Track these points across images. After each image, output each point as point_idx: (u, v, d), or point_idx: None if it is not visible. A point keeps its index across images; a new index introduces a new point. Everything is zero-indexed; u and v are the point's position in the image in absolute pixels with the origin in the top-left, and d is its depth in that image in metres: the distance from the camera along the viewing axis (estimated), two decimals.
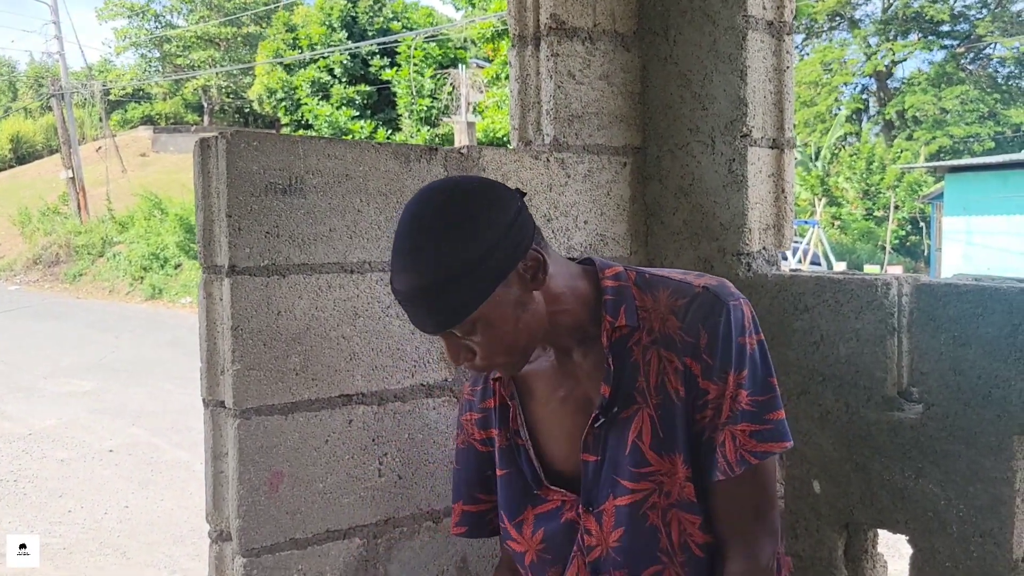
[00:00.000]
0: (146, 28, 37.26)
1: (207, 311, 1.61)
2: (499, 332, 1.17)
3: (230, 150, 1.53)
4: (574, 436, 1.29)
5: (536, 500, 1.33)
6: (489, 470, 1.41)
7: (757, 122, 1.91)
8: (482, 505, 1.45)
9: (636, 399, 1.24)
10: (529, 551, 1.34)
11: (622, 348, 1.25)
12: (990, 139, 27.26)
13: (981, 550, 1.54)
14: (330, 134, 20.53)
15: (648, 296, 1.26)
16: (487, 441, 1.41)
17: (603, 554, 1.27)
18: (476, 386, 1.44)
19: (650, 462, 1.23)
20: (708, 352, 1.21)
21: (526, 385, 1.35)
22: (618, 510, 1.25)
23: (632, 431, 1.24)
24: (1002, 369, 1.50)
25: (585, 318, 1.26)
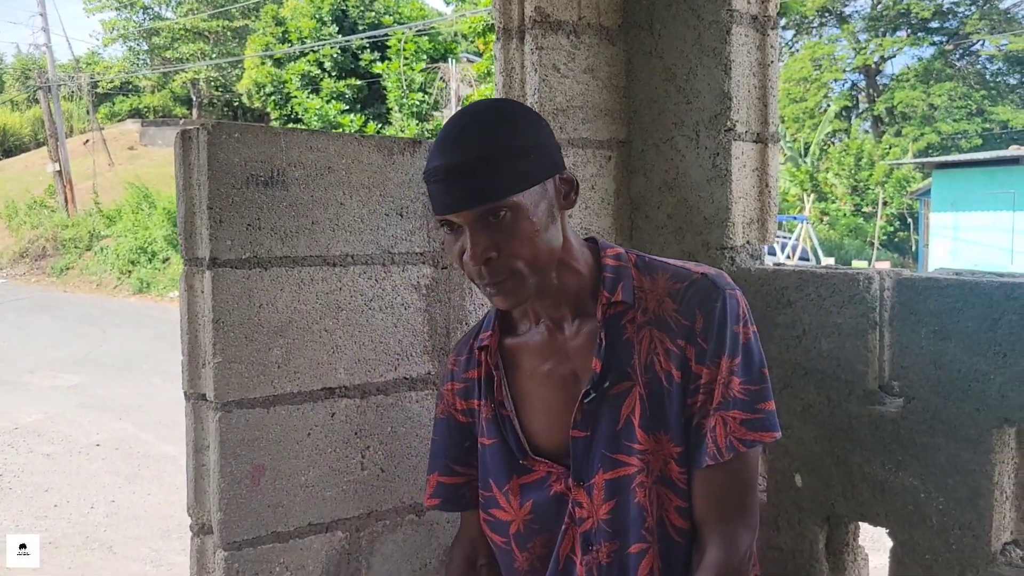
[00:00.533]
0: (134, 20, 37.03)
1: (188, 304, 1.60)
2: (526, 231, 1.18)
3: (211, 142, 1.52)
4: (558, 411, 1.30)
5: (521, 470, 1.34)
6: (467, 442, 1.42)
7: (741, 116, 1.91)
8: (458, 478, 1.44)
9: (629, 376, 1.26)
10: (516, 520, 1.35)
11: (616, 324, 1.27)
12: (978, 136, 27.40)
13: (960, 542, 1.55)
14: (320, 127, 20.48)
15: (647, 278, 1.29)
16: (468, 412, 1.42)
17: (594, 526, 1.29)
18: (460, 356, 1.44)
19: (639, 440, 1.25)
20: (703, 336, 1.23)
21: (512, 358, 1.36)
22: (607, 484, 1.27)
23: (625, 407, 1.26)
24: (981, 363, 1.51)
25: (585, 289, 1.29)
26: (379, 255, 1.72)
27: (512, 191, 1.16)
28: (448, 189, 1.17)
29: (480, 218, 1.17)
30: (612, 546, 1.28)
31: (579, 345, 1.30)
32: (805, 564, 1.80)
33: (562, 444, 1.31)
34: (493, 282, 1.19)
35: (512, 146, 1.17)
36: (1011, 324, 1.46)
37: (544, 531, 1.33)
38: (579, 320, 1.30)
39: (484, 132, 1.18)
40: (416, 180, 1.76)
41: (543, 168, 1.21)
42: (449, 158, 1.17)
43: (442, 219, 1.21)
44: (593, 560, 1.29)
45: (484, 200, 1.16)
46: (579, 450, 1.28)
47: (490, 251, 1.17)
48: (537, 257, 1.20)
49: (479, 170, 1.15)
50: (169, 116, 35.76)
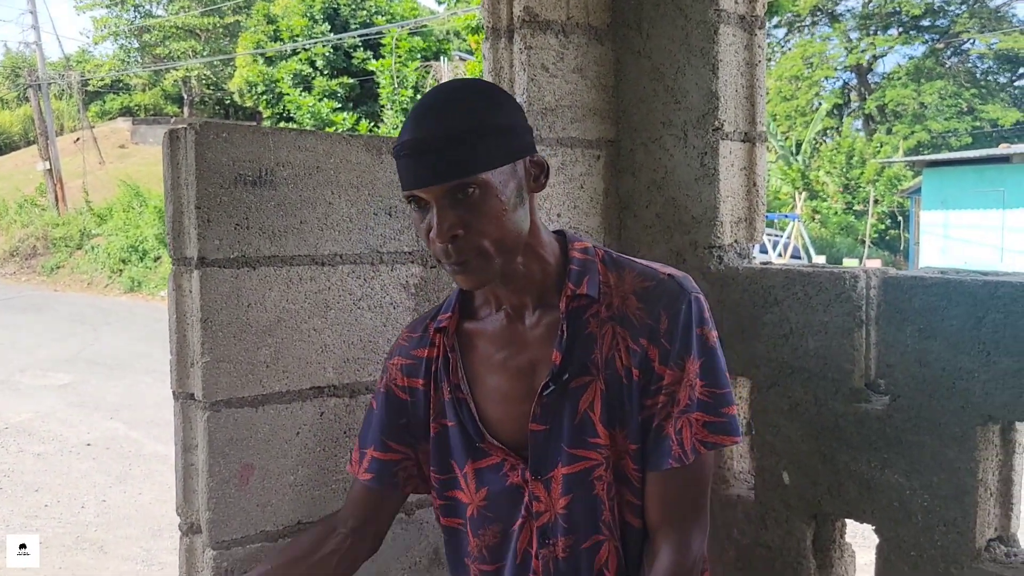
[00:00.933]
0: (125, 18, 36.89)
1: (177, 303, 1.60)
2: (494, 210, 1.16)
3: (199, 141, 1.52)
4: (514, 401, 1.29)
5: (478, 453, 1.32)
6: (403, 419, 1.39)
7: (729, 116, 1.92)
8: (393, 455, 1.41)
9: (590, 370, 1.25)
10: (471, 504, 1.34)
11: (579, 318, 1.26)
12: (968, 134, 27.51)
13: (945, 539, 1.57)
14: (313, 125, 20.44)
15: (613, 274, 1.28)
16: (406, 389, 1.39)
17: (551, 520, 1.28)
18: (413, 333, 1.42)
19: (599, 434, 1.25)
20: (667, 337, 1.23)
21: (469, 342, 1.34)
22: (565, 478, 1.26)
23: (584, 401, 1.25)
24: (966, 361, 1.52)
25: (549, 279, 1.28)
26: (368, 254, 1.73)
27: (481, 168, 1.15)
28: (417, 164, 1.16)
29: (448, 194, 1.16)
30: (568, 540, 1.27)
31: (539, 336, 1.28)
32: (792, 561, 1.81)
33: (518, 435, 1.29)
34: (458, 260, 1.18)
35: (483, 123, 1.16)
36: (995, 322, 1.48)
37: (496, 521, 1.32)
38: (540, 310, 1.29)
39: (456, 108, 1.17)
40: None
41: (514, 148, 1.20)
42: (419, 132, 1.16)
43: (409, 195, 1.19)
44: (550, 554, 1.28)
45: (452, 175, 1.14)
46: (538, 443, 1.27)
47: (456, 228, 1.16)
48: (504, 237, 1.19)
49: (449, 145, 1.14)
50: (160, 114, 35.62)
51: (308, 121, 20.74)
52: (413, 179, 1.17)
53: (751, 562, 1.88)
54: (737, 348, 1.88)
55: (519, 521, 1.30)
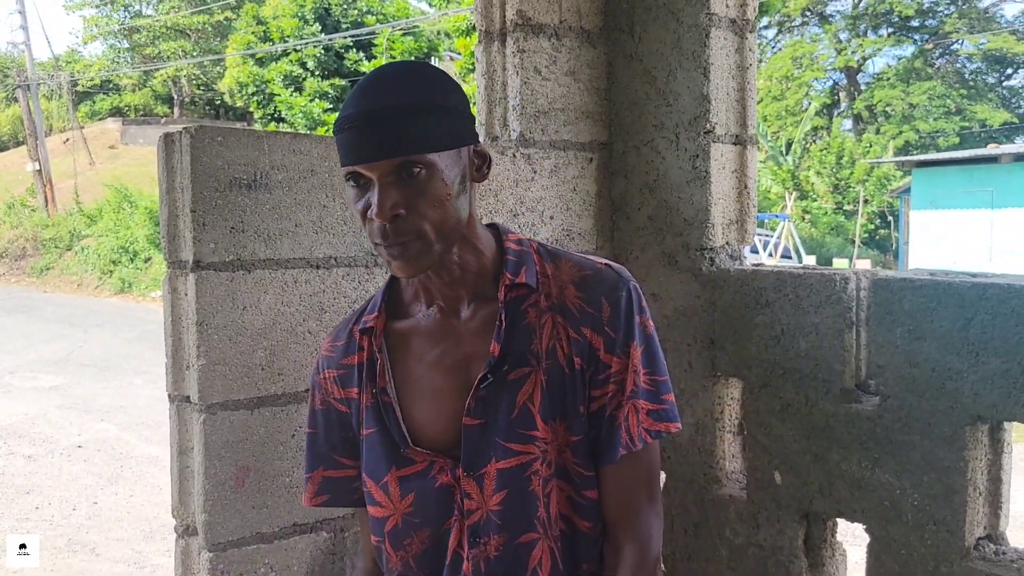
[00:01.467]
0: (115, 17, 36.76)
1: (172, 306, 1.61)
2: (438, 193, 1.12)
3: (194, 145, 1.53)
4: (447, 398, 1.24)
5: (402, 461, 1.25)
6: (349, 432, 1.32)
7: (720, 119, 1.94)
8: (346, 470, 1.33)
9: (530, 361, 1.21)
10: (394, 516, 1.27)
11: (517, 308, 1.23)
12: (955, 134, 27.65)
13: (935, 537, 1.58)
14: (305, 125, 20.41)
15: (549, 264, 1.26)
16: (346, 401, 1.31)
17: (483, 517, 1.23)
18: (337, 341, 1.34)
19: (537, 427, 1.21)
20: (611, 326, 1.21)
21: (398, 342, 1.28)
22: (500, 473, 1.21)
23: (523, 393, 1.21)
24: (955, 362, 1.54)
25: (485, 271, 1.24)
26: (362, 257, 1.73)
27: (430, 148, 1.11)
28: (362, 137, 1.10)
29: (393, 171, 1.11)
30: (501, 538, 1.23)
31: (474, 329, 1.24)
32: (784, 560, 1.82)
33: (449, 433, 1.24)
34: (397, 242, 1.12)
35: (433, 103, 1.12)
36: (983, 324, 1.49)
37: (425, 525, 1.26)
38: (475, 304, 1.25)
39: (405, 84, 1.13)
40: None
41: (461, 133, 1.16)
42: (366, 105, 1.11)
43: (350, 171, 1.13)
44: (480, 554, 1.23)
45: (400, 152, 1.09)
46: (472, 438, 1.22)
47: (399, 208, 1.11)
48: (445, 222, 1.14)
49: (398, 120, 1.10)
50: (150, 115, 35.50)
51: (300, 121, 20.70)
52: (357, 154, 1.11)
53: (743, 561, 1.90)
54: (729, 349, 1.89)
55: (451, 520, 1.25)
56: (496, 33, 2.02)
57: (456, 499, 1.24)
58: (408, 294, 1.30)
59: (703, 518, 1.97)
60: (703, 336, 1.95)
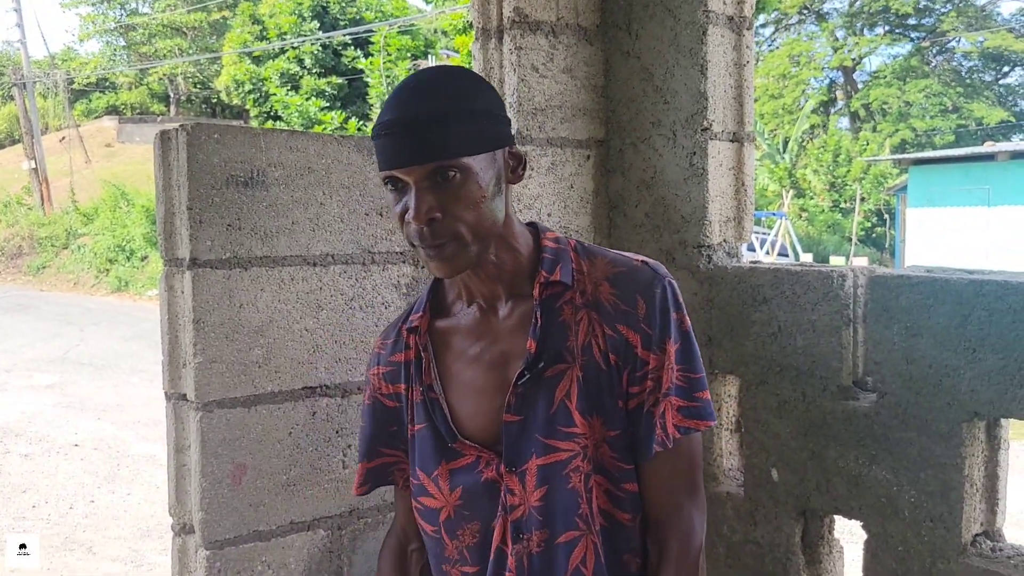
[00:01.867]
0: (111, 15, 36.67)
1: (168, 304, 1.61)
2: (473, 195, 1.16)
3: (191, 142, 1.53)
4: (488, 394, 1.27)
5: (451, 454, 1.29)
6: (394, 426, 1.37)
7: (718, 116, 1.94)
8: (385, 458, 1.39)
9: (566, 358, 1.23)
10: (446, 507, 1.31)
11: (552, 306, 1.25)
12: (951, 132, 27.68)
13: (932, 534, 1.59)
14: (301, 124, 20.37)
15: (585, 261, 1.28)
16: (394, 396, 1.36)
17: (525, 513, 1.25)
18: (387, 339, 1.39)
19: (576, 423, 1.23)
20: (647, 322, 1.23)
21: (442, 340, 1.32)
22: (540, 470, 1.24)
23: (560, 390, 1.23)
24: (952, 358, 1.54)
25: (522, 270, 1.27)
26: (359, 254, 1.73)
27: (464, 152, 1.15)
28: (398, 143, 1.14)
29: (428, 176, 1.14)
30: (543, 534, 1.25)
31: (512, 327, 1.27)
32: (782, 557, 1.82)
33: (492, 429, 1.27)
34: (434, 244, 1.16)
35: (467, 108, 1.16)
36: (980, 320, 1.50)
37: (474, 518, 1.29)
38: (513, 301, 1.28)
39: (439, 91, 1.16)
40: None
41: (495, 136, 1.20)
42: (402, 112, 1.14)
43: (388, 175, 1.17)
44: (524, 550, 1.25)
45: (435, 157, 1.13)
46: (512, 435, 1.24)
47: (435, 211, 1.14)
48: (481, 224, 1.18)
49: (432, 126, 1.13)
50: (146, 113, 35.43)
51: (296, 120, 20.66)
52: (394, 159, 1.15)
53: (741, 558, 1.90)
54: (726, 346, 1.89)
55: (496, 517, 1.27)
56: (493, 30, 2.02)
57: (500, 495, 1.26)
58: (451, 293, 1.34)
59: None
60: (700, 333, 1.94)
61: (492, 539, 1.28)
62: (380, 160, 1.18)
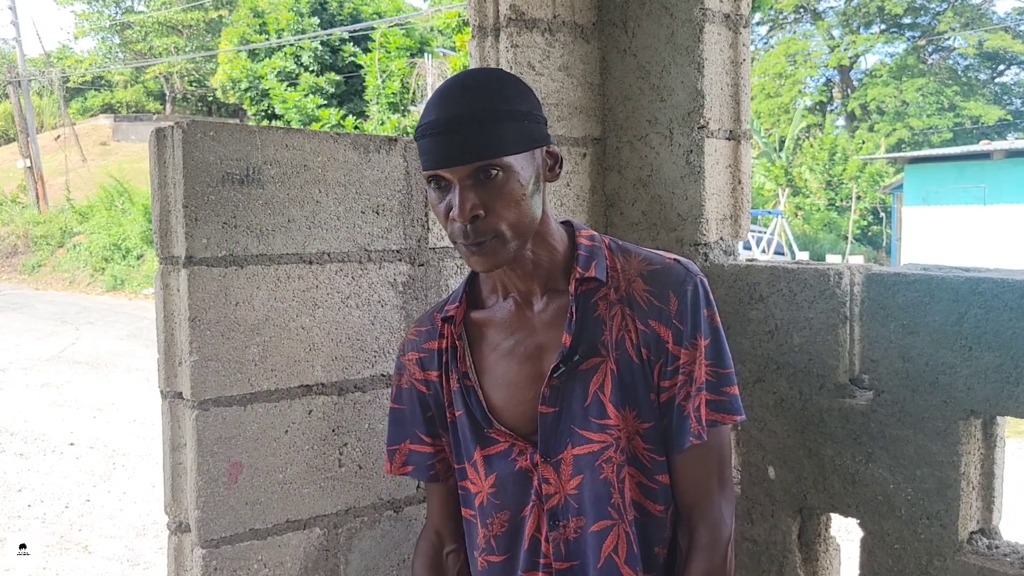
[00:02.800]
0: (106, 13, 36.57)
1: (164, 302, 1.60)
2: (514, 194, 1.20)
3: (186, 140, 1.52)
4: (522, 386, 1.31)
5: (486, 441, 1.34)
6: (429, 412, 1.42)
7: (714, 114, 1.94)
8: (427, 447, 1.43)
9: (600, 351, 1.28)
10: (481, 492, 1.35)
11: (587, 301, 1.29)
12: (948, 130, 27.71)
13: (928, 532, 1.59)
14: (299, 121, 20.35)
15: (619, 258, 1.33)
16: (426, 383, 1.41)
17: (561, 502, 1.30)
18: (421, 327, 1.44)
19: (609, 415, 1.27)
20: (679, 318, 1.27)
21: (477, 331, 1.36)
22: (576, 459, 1.28)
23: (594, 383, 1.27)
24: (948, 356, 1.54)
25: (557, 266, 1.31)
26: (356, 252, 1.73)
27: (506, 151, 1.19)
28: (444, 143, 1.18)
29: (472, 175, 1.18)
30: (580, 521, 1.29)
31: (547, 320, 1.31)
32: (778, 555, 1.82)
33: (526, 419, 1.31)
34: (476, 241, 1.20)
35: (508, 109, 1.20)
36: (976, 318, 1.50)
37: (505, 507, 1.33)
38: (548, 296, 1.32)
39: (482, 92, 1.20)
40: (392, 178, 1.77)
41: (534, 136, 1.24)
42: (446, 113, 1.19)
43: (432, 175, 1.22)
44: (560, 536, 1.29)
45: (480, 156, 1.17)
46: (547, 426, 1.29)
47: (478, 209, 1.18)
48: (521, 221, 1.21)
49: (476, 127, 1.17)
50: (142, 111, 35.36)
51: (295, 116, 20.63)
52: (439, 158, 1.19)
53: (737, 556, 1.90)
54: None
55: (529, 506, 1.31)
56: (489, 28, 2.01)
57: (534, 484, 1.31)
58: (487, 287, 1.38)
59: None
60: None
61: (523, 528, 1.32)
62: (424, 160, 1.22)
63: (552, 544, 1.30)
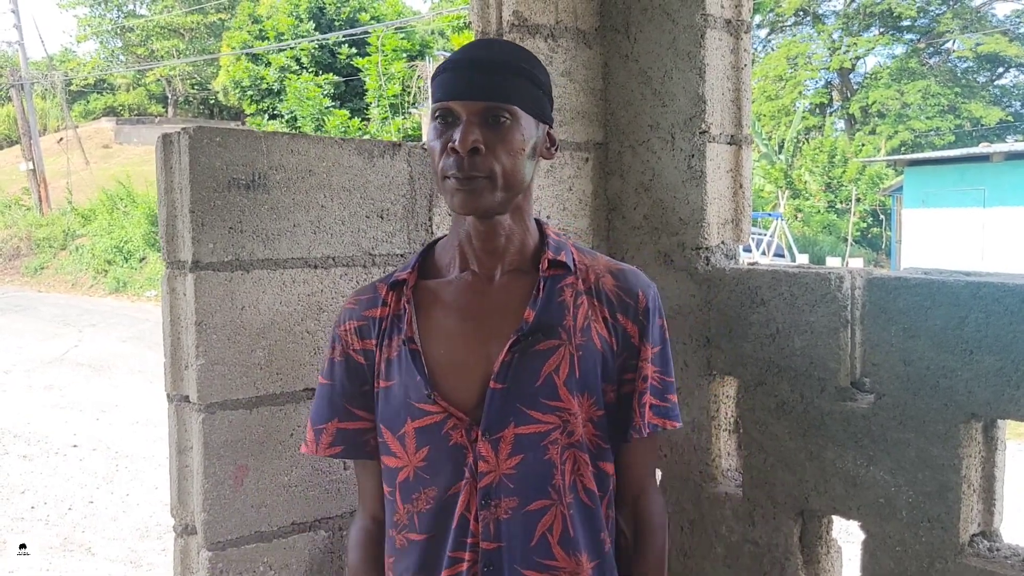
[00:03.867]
0: (108, 17, 36.64)
1: (171, 306, 1.61)
2: (517, 144, 1.23)
3: (193, 145, 1.53)
4: (466, 359, 1.28)
5: (416, 413, 1.28)
6: (366, 385, 1.35)
7: (715, 119, 1.95)
8: (360, 422, 1.35)
9: (560, 335, 1.28)
10: (407, 467, 1.30)
11: (554, 285, 1.31)
12: (951, 132, 27.71)
13: (929, 534, 1.60)
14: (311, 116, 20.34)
15: (587, 256, 1.37)
16: (363, 352, 1.34)
17: (495, 480, 1.26)
18: (361, 296, 1.38)
19: (560, 398, 1.27)
20: (644, 316, 1.33)
21: (426, 299, 1.33)
22: (517, 438, 1.26)
23: (549, 364, 1.27)
24: (949, 360, 1.55)
25: (526, 248, 1.33)
26: (360, 257, 1.74)
27: (518, 103, 1.22)
28: (461, 77, 1.21)
29: (481, 113, 1.21)
30: (512, 502, 1.27)
31: (504, 298, 1.30)
32: (780, 558, 1.83)
33: (468, 395, 1.27)
34: (469, 175, 1.20)
35: (530, 72, 1.25)
36: (977, 322, 1.51)
37: (432, 484, 1.28)
38: (509, 276, 1.32)
39: (511, 49, 1.26)
40: (397, 182, 1.78)
41: (544, 109, 1.28)
42: (471, 55, 1.23)
43: (442, 107, 1.23)
44: (491, 515, 1.26)
45: (493, 97, 1.20)
46: (495, 402, 1.26)
47: (480, 143, 1.20)
48: (515, 173, 1.24)
49: (497, 71, 1.21)
50: (144, 114, 35.41)
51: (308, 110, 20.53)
52: (455, 90, 1.22)
53: (739, 559, 1.91)
54: (724, 347, 1.90)
55: (460, 483, 1.27)
56: (492, 34, 2.03)
57: (468, 462, 1.27)
58: (444, 258, 1.36)
59: (699, 515, 1.98)
60: (699, 335, 1.96)
61: (452, 507, 1.27)
62: (438, 93, 1.24)
63: (482, 524, 1.26)
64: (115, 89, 37.71)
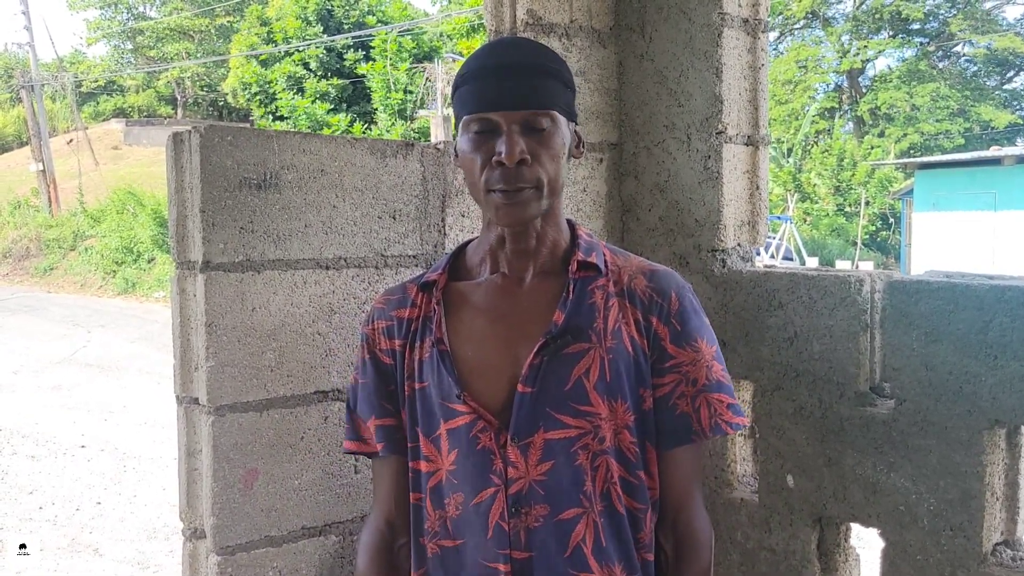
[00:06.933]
0: (118, 19, 36.78)
1: (180, 307, 1.59)
2: (557, 149, 1.21)
3: (204, 145, 1.52)
4: (496, 361, 1.25)
5: (448, 413, 1.26)
6: (391, 385, 1.33)
7: (732, 119, 1.92)
8: (393, 419, 1.34)
9: (590, 337, 1.24)
10: (439, 471, 1.27)
11: (584, 287, 1.27)
12: (960, 135, 27.59)
13: (951, 543, 1.56)
14: (308, 126, 20.43)
15: (619, 257, 1.33)
16: (390, 352, 1.33)
17: (525, 487, 1.23)
18: (391, 296, 1.37)
19: (591, 402, 1.23)
20: (678, 318, 1.27)
21: (456, 301, 1.31)
22: (547, 444, 1.23)
23: (579, 368, 1.23)
24: (972, 365, 1.52)
25: (558, 249, 1.30)
26: (372, 258, 1.72)
27: (556, 107, 1.21)
28: (497, 87, 1.17)
29: (524, 121, 1.18)
30: (543, 509, 1.23)
31: (534, 300, 1.27)
32: (797, 565, 1.80)
33: (498, 397, 1.25)
34: (518, 187, 1.18)
35: (559, 71, 1.23)
36: (1002, 326, 1.48)
37: (461, 488, 1.26)
38: (539, 278, 1.29)
39: (535, 49, 1.23)
40: (410, 183, 1.76)
41: (572, 108, 1.27)
42: (501, 59, 1.19)
43: (478, 118, 1.19)
44: (521, 523, 1.23)
45: (534, 104, 1.18)
46: (524, 406, 1.23)
47: (527, 154, 1.18)
48: (557, 178, 1.22)
49: (531, 75, 1.18)
50: (153, 116, 35.50)
51: (304, 123, 20.72)
52: (493, 100, 1.18)
53: (755, 566, 1.88)
54: (741, 351, 1.88)
55: (490, 490, 1.24)
56: (506, 33, 2.00)
57: (496, 467, 1.24)
58: (474, 259, 1.34)
59: (715, 522, 1.95)
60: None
61: (486, 513, 1.24)
62: (469, 103, 1.21)
63: (512, 531, 1.23)
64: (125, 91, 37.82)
